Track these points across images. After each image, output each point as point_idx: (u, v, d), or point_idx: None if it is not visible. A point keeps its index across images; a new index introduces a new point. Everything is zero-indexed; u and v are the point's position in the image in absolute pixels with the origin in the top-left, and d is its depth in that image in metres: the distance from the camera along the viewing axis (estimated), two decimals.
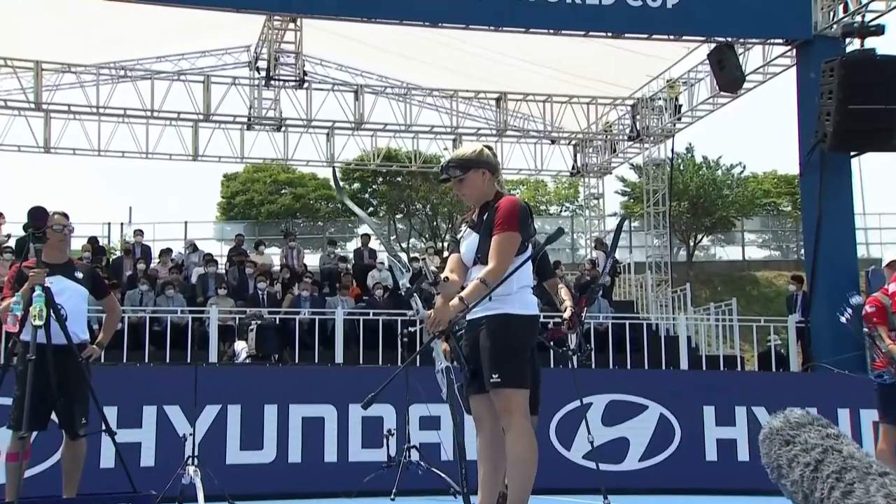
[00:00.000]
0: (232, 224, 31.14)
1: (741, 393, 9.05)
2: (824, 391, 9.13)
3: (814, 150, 12.87)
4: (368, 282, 15.85)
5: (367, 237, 18.60)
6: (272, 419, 8.15)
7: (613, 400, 8.67)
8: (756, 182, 31.50)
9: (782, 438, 2.33)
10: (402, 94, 18.19)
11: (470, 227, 4.74)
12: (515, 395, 4.52)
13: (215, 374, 8.45)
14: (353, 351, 13.18)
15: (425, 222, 30.49)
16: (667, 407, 8.86)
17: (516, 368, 4.51)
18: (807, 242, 13.59)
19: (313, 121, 17.73)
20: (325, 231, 30.47)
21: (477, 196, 4.70)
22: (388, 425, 8.11)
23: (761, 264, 29.20)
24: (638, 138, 18.22)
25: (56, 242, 6.13)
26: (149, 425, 7.99)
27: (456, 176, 4.67)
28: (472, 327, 4.63)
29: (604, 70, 16.67)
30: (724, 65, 13.90)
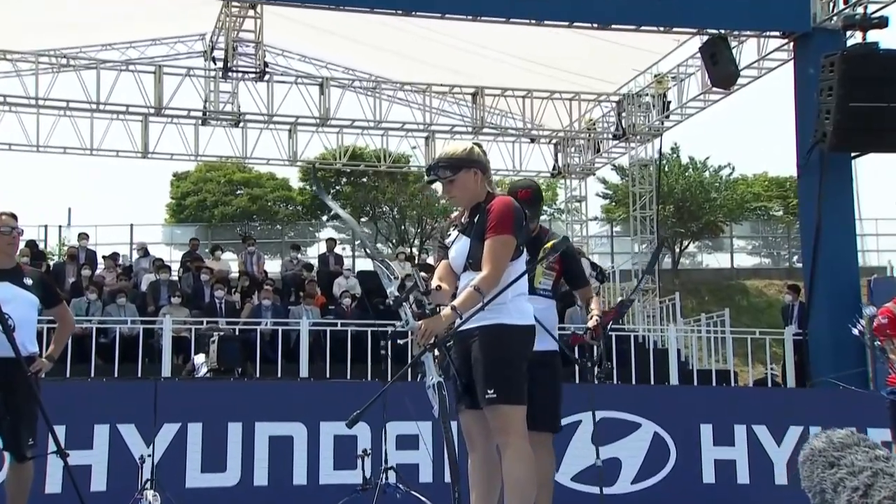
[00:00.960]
0: (182, 227, 30.85)
1: (740, 410, 9.06)
2: (828, 408, 9.17)
3: (812, 151, 12.96)
4: (335, 290, 15.78)
5: (333, 242, 18.54)
6: (236, 438, 8.02)
7: (604, 417, 8.63)
8: (745, 185, 31.77)
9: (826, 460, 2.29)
10: (370, 87, 18.14)
11: (460, 230, 4.71)
12: (512, 413, 4.48)
13: (174, 389, 8.31)
14: (318, 364, 13.11)
15: (392, 226, 30.44)
16: (661, 425, 8.84)
17: (513, 383, 4.46)
18: (804, 249, 13.69)
19: (274, 116, 17.64)
20: (284, 235, 30.32)
21: (468, 197, 4.66)
22: (363, 445, 7.99)
23: (751, 273, 29.45)
24: (623, 137, 18.31)
25: (4, 246, 5.99)
26: (100, 446, 7.83)
27: (446, 177, 4.62)
28: (464, 338, 4.60)
29: (588, 64, 16.72)
30: (718, 59, 13.99)
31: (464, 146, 4.76)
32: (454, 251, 4.70)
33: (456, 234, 4.74)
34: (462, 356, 4.63)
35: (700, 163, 29.61)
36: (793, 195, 32.13)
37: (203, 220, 31.22)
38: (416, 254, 20.86)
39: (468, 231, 4.64)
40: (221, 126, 18.25)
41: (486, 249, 4.47)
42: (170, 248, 27.64)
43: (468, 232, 4.64)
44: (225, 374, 9.03)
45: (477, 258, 4.54)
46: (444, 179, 4.64)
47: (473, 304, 4.39)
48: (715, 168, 29.69)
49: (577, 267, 6.09)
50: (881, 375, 11.64)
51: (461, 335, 4.62)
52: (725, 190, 29.41)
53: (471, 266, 4.59)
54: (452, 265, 4.72)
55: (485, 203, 4.62)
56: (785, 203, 32.11)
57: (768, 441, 8.86)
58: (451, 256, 4.73)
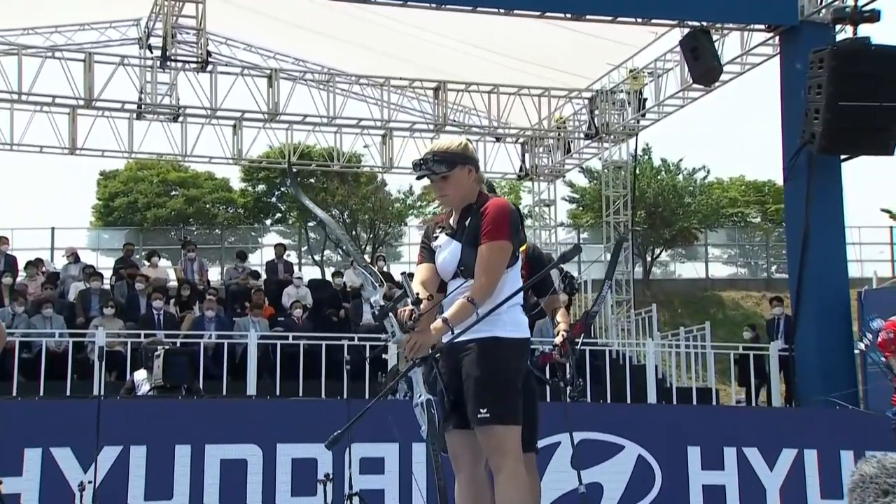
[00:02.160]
0: (111, 231, 30.47)
1: (730, 431, 9.10)
2: (824, 430, 9.23)
3: (800, 153, 13.09)
4: (284, 300, 15.71)
5: (282, 248, 18.41)
6: (184, 462, 7.90)
7: (584, 439, 8.62)
8: (721, 189, 32.12)
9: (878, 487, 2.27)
10: (323, 80, 18.04)
11: (448, 233, 4.67)
12: (507, 433, 4.47)
13: (115, 408, 8.16)
14: (267, 381, 13.04)
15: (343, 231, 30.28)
16: (645, 447, 8.85)
17: (508, 402, 4.45)
18: (791, 258, 13.83)
19: (218, 110, 17.45)
20: (224, 240, 30.08)
21: (461, 197, 4.64)
22: (324, 469, 7.91)
23: (727, 283, 29.76)
24: (596, 137, 18.40)
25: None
26: (31, 472, 7.66)
27: (440, 172, 4.58)
28: (453, 351, 4.57)
29: (559, 57, 16.79)
30: (699, 53, 14.09)
31: (459, 141, 4.76)
32: (442, 256, 4.67)
33: (443, 237, 4.69)
34: (451, 370, 4.59)
35: (673, 165, 29.92)
36: (772, 200, 32.63)
37: (134, 223, 30.86)
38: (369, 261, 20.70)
39: (458, 234, 4.60)
40: (158, 120, 18.04)
41: (481, 257, 4.46)
42: (97, 254, 27.25)
43: (458, 235, 4.60)
44: (170, 391, 8.89)
45: (469, 265, 4.52)
46: (438, 175, 4.58)
47: (466, 317, 4.38)
48: (689, 171, 30.04)
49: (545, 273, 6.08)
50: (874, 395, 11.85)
51: (451, 348, 4.59)
52: (700, 194, 29.73)
53: (461, 273, 4.57)
54: (440, 271, 4.69)
55: (477, 204, 4.60)
56: (763, 209, 32.52)
57: (760, 465, 8.90)
58: (438, 262, 4.69)
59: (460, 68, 17.50)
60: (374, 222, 29.57)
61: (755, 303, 28.93)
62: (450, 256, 4.61)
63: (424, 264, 4.75)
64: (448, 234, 4.67)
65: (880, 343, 6.91)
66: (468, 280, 4.52)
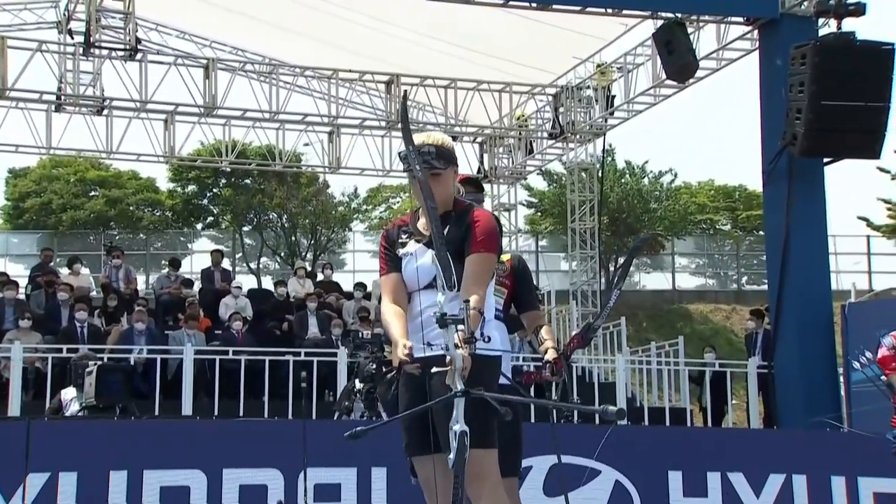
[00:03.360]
0: (21, 235, 30.04)
1: (712, 455, 9.15)
2: (813, 453, 9.30)
3: (780, 156, 13.23)
4: (222, 311, 15.63)
5: (220, 254, 18.23)
6: (120, 489, 7.79)
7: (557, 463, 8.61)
8: (689, 194, 32.42)
9: None
10: (265, 72, 17.91)
11: (421, 241, 4.65)
12: (486, 457, 4.49)
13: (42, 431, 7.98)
14: (203, 400, 12.95)
15: (281, 237, 30.14)
16: (623, 472, 8.86)
17: (486, 423, 4.44)
18: (770, 268, 13.95)
19: (148, 103, 17.24)
20: (150, 246, 29.79)
21: (444, 200, 4.65)
22: (276, 496, 7.89)
23: (694, 295, 30.03)
24: (560, 136, 18.45)
25: None
26: None
27: (436, 169, 4.57)
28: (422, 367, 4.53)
29: (521, 50, 16.83)
30: (674, 47, 14.18)
31: (449, 139, 4.76)
32: (415, 265, 4.64)
33: (415, 244, 4.67)
34: (417, 389, 4.57)
35: (638, 168, 30.08)
36: (742, 207, 33.04)
37: (48, 226, 30.46)
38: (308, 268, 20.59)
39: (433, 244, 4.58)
40: (80, 113, 17.76)
41: (477, 267, 4.50)
42: (4, 260, 26.85)
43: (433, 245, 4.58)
44: (103, 412, 8.74)
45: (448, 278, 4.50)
46: (434, 171, 4.57)
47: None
48: (655, 174, 30.23)
49: (528, 285, 6.07)
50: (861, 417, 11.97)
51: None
52: (666, 199, 29.92)
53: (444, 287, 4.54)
54: (408, 280, 4.68)
55: (455, 213, 4.59)
56: (733, 216, 32.90)
57: (746, 492, 8.96)
58: (410, 270, 4.67)
59: (415, 61, 17.48)
60: (316, 227, 29.41)
61: (725, 316, 29.24)
62: (426, 268, 4.58)
63: (393, 275, 4.71)
64: (421, 242, 4.65)
65: (880, 360, 6.96)
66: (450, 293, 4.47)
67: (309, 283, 17.11)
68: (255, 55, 18.73)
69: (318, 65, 18.18)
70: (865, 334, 12.99)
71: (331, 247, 29.99)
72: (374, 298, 16.13)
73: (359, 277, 24.27)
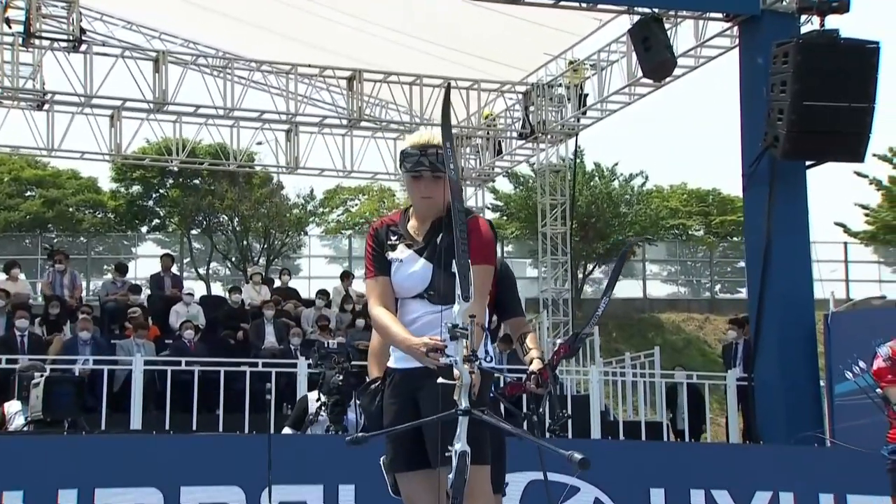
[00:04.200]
0: None
1: (696, 471, 9.17)
2: (800, 469, 9.36)
3: (761, 158, 13.31)
4: (172, 319, 15.54)
5: (170, 259, 18.08)
6: None
7: (535, 480, 8.60)
8: (661, 198, 32.61)
9: None
10: (220, 67, 17.82)
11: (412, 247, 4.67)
12: (479, 474, 4.50)
13: None
14: (153, 413, 12.84)
15: (232, 240, 29.97)
16: (603, 489, 8.85)
17: (480, 439, 4.46)
18: (751, 275, 14.04)
19: (93, 97, 17.11)
20: (91, 250, 29.55)
21: (439, 205, 4.65)
22: None
23: (666, 304, 30.21)
24: (531, 136, 18.47)
25: None
26: None
27: (438, 171, 4.58)
28: (408, 380, 4.59)
29: (490, 46, 16.86)
30: (651, 44, 14.24)
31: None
32: (406, 273, 4.67)
33: (406, 249, 4.68)
34: (405, 401, 4.59)
35: (607, 170, 30.22)
36: (716, 212, 33.28)
37: None
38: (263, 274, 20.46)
39: (428, 253, 4.63)
40: (19, 108, 17.59)
41: (478, 279, 4.46)
42: None
43: (428, 254, 4.63)
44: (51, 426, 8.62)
45: (439, 290, 4.54)
46: (432, 174, 4.59)
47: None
48: (625, 177, 30.37)
49: (511, 292, 6.05)
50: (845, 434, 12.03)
51: (405, 376, 4.60)
52: (637, 204, 30.11)
53: (430, 297, 4.60)
54: (399, 288, 4.69)
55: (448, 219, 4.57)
56: (706, 221, 33.11)
57: None
58: (400, 277, 4.68)
59: (378, 56, 17.48)
60: (269, 231, 29.26)
61: (697, 326, 29.42)
62: (418, 276, 4.63)
63: (382, 279, 4.69)
64: (412, 248, 4.66)
65: (875, 371, 6.99)
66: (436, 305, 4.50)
67: (265, 289, 17.01)
68: (209, 48, 18.65)
69: (276, 59, 18.15)
70: (850, 345, 13.02)
71: (285, 251, 29.85)
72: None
73: (315, 284, 24.30)
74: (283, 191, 30.62)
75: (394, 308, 4.66)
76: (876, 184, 29.03)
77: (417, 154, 4.59)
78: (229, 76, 17.59)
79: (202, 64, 18.02)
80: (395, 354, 4.69)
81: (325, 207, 33.90)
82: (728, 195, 33.42)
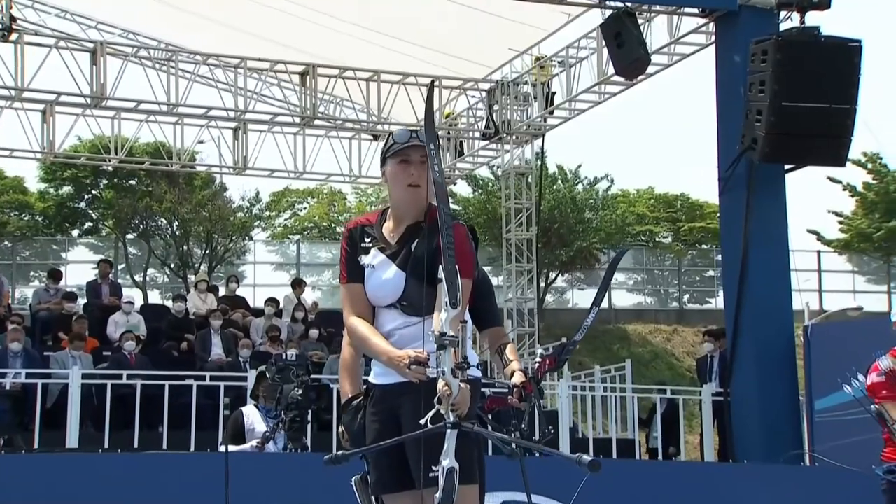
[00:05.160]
0: None
1: (677, 491, 9.26)
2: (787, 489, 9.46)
3: (739, 161, 13.42)
4: (111, 330, 15.42)
5: (108, 265, 17.93)
6: None
7: (508, 501, 8.62)
8: (627, 203, 32.78)
9: None
10: (163, 59, 17.71)
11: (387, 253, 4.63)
12: (469, 494, 4.51)
13: None
14: (90, 431, 12.76)
15: (171, 245, 29.76)
16: None
17: (469, 457, 4.46)
18: (727, 285, 14.16)
19: (24, 91, 16.97)
20: (16, 255, 29.25)
21: (420, 209, 4.63)
22: None
23: (632, 315, 30.38)
24: (495, 136, 18.50)
25: None
26: None
27: (426, 156, 4.54)
28: (389, 397, 4.57)
29: (452, 40, 16.86)
30: (624, 40, 14.32)
31: None
32: (379, 281, 4.64)
33: (380, 255, 4.65)
34: (389, 420, 4.57)
35: (571, 172, 30.33)
36: (685, 218, 33.52)
37: None
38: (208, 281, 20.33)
39: (402, 261, 4.59)
40: None
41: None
42: None
43: (401, 262, 4.59)
44: None
45: (413, 301, 4.53)
46: (424, 160, 4.56)
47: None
48: (590, 180, 30.49)
49: (489, 301, 6.06)
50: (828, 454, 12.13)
51: (385, 392, 4.58)
52: (602, 209, 30.23)
53: (403, 308, 4.58)
54: (371, 296, 4.66)
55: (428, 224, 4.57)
56: (675, 227, 33.33)
57: None
58: (373, 285, 4.65)
59: (333, 50, 17.45)
60: (211, 235, 29.07)
61: (665, 338, 29.61)
62: (390, 285, 4.61)
63: (356, 286, 4.67)
64: (385, 254, 4.63)
65: (870, 386, 7.06)
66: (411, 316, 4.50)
67: (211, 297, 16.91)
68: (151, 39, 18.58)
69: (224, 52, 18.06)
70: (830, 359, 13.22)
71: (228, 258, 29.67)
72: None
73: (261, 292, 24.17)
74: (226, 193, 30.45)
75: (371, 316, 4.63)
76: (850, 189, 29.41)
77: (409, 133, 4.60)
78: (173, 70, 17.50)
79: (143, 56, 17.89)
80: (376, 369, 4.66)
81: (271, 211, 33.72)
82: (697, 200, 33.66)
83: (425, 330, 4.34)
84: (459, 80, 18.73)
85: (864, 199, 29.69)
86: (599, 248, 30.11)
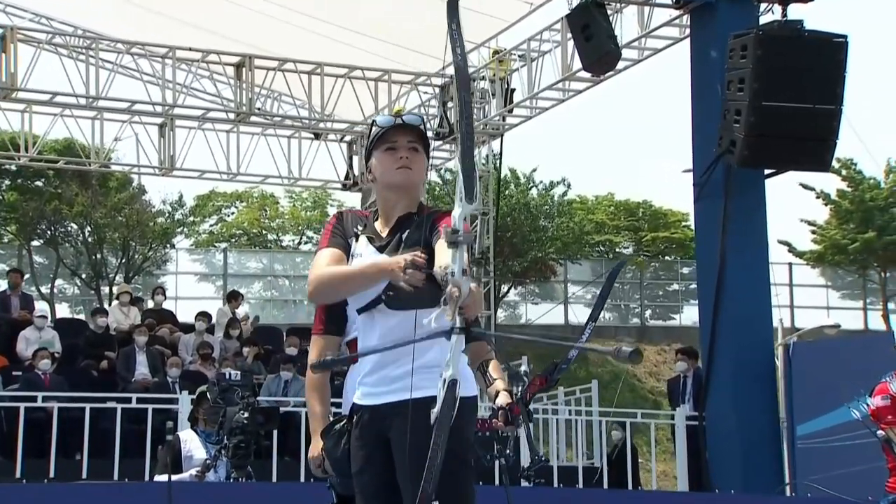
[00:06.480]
0: None
1: None
2: None
3: (715, 165, 13.52)
4: (21, 347, 15.25)
5: (19, 275, 17.72)
6: None
7: None
8: (585, 210, 32.93)
9: None
10: (81, 47, 17.55)
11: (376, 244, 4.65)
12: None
13: None
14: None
15: (83, 253, 29.47)
16: None
17: (460, 482, 4.49)
18: (702, 299, 14.26)
19: None
20: None
21: (419, 188, 4.70)
22: None
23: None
24: (449, 136, 18.51)
25: None
26: None
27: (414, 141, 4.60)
28: (376, 418, 4.56)
29: (403, 31, 16.86)
30: (592, 33, 14.40)
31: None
32: None
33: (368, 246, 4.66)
34: (376, 445, 4.58)
35: (525, 177, 30.44)
36: (647, 227, 33.76)
37: None
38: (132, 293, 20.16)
39: (390, 252, 4.57)
40: None
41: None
42: None
43: (388, 250, 4.59)
44: None
45: (401, 292, 4.45)
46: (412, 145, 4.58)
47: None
48: (545, 185, 30.61)
49: None
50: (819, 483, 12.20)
51: (373, 413, 4.57)
52: (559, 216, 30.35)
53: (388, 299, 4.47)
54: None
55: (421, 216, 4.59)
56: (636, 237, 33.53)
57: None
58: None
59: (272, 40, 17.44)
60: (128, 242, 28.83)
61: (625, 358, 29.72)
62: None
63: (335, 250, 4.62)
64: (374, 245, 4.64)
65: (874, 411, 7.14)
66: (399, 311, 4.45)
67: (135, 311, 16.78)
68: (67, 25, 18.44)
69: (150, 41, 17.95)
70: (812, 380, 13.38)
71: (147, 267, 29.44)
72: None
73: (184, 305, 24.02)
74: (145, 196, 30.20)
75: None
76: (824, 197, 29.71)
77: (392, 118, 4.61)
78: (92, 59, 17.34)
79: (59, 44, 17.77)
80: (362, 389, 4.63)
81: (195, 216, 33.52)
82: (661, 208, 33.91)
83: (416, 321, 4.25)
84: (410, 75, 18.79)
85: (838, 207, 30.02)
86: (556, 258, 30.21)
